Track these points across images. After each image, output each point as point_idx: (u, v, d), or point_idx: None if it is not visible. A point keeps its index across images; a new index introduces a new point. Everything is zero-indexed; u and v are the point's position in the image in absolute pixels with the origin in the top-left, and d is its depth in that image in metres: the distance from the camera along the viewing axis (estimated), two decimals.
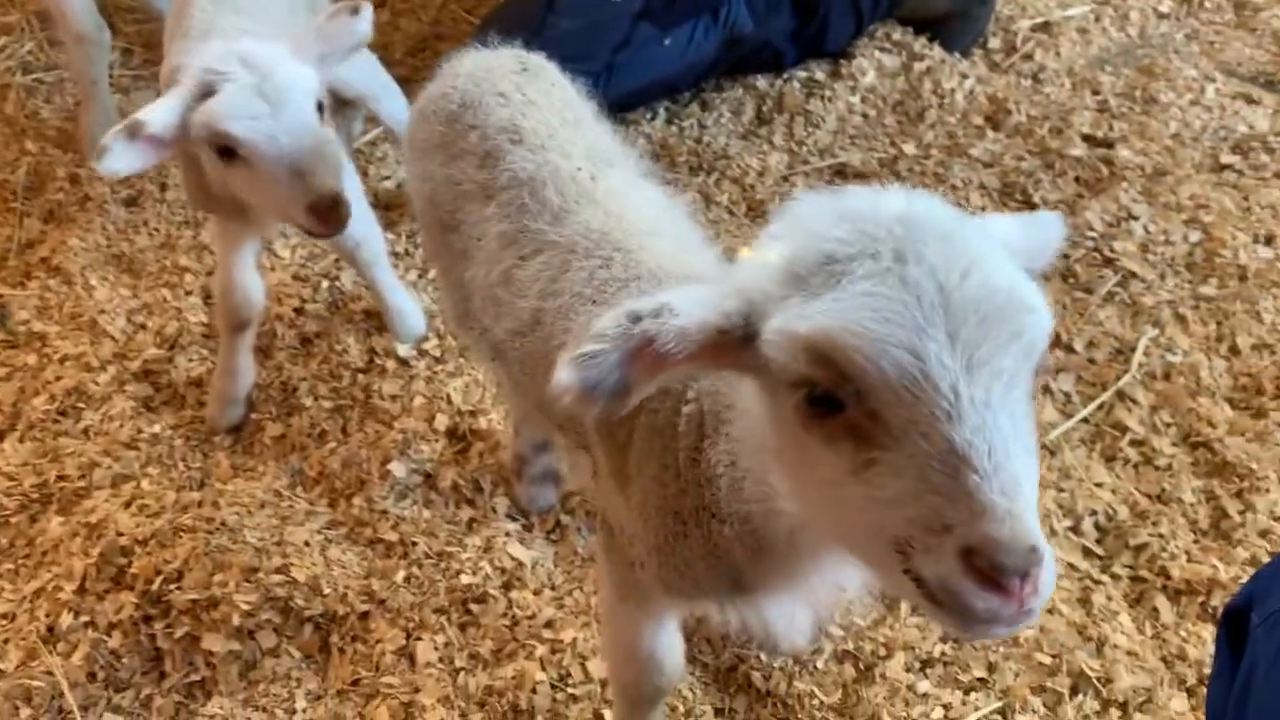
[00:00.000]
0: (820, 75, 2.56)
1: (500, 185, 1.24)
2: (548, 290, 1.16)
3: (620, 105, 2.48)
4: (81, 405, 1.89)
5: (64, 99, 2.64)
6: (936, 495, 0.71)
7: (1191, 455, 1.77)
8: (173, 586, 1.58)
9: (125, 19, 2.89)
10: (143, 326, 2.04)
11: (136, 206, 2.32)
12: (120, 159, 1.46)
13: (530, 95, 1.30)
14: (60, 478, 1.78)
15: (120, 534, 1.65)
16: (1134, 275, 2.04)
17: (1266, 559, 1.56)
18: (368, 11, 1.57)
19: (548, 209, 1.20)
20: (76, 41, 2.32)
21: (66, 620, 1.57)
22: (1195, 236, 2.10)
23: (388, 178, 2.36)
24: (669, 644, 1.26)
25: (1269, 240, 2.10)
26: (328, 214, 1.45)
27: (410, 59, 2.65)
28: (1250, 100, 2.44)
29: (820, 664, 1.51)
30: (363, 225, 1.81)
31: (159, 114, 1.46)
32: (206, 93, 1.46)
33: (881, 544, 0.75)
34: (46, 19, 2.44)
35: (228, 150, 1.46)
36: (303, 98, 1.47)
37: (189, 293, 2.09)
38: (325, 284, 2.10)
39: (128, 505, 1.71)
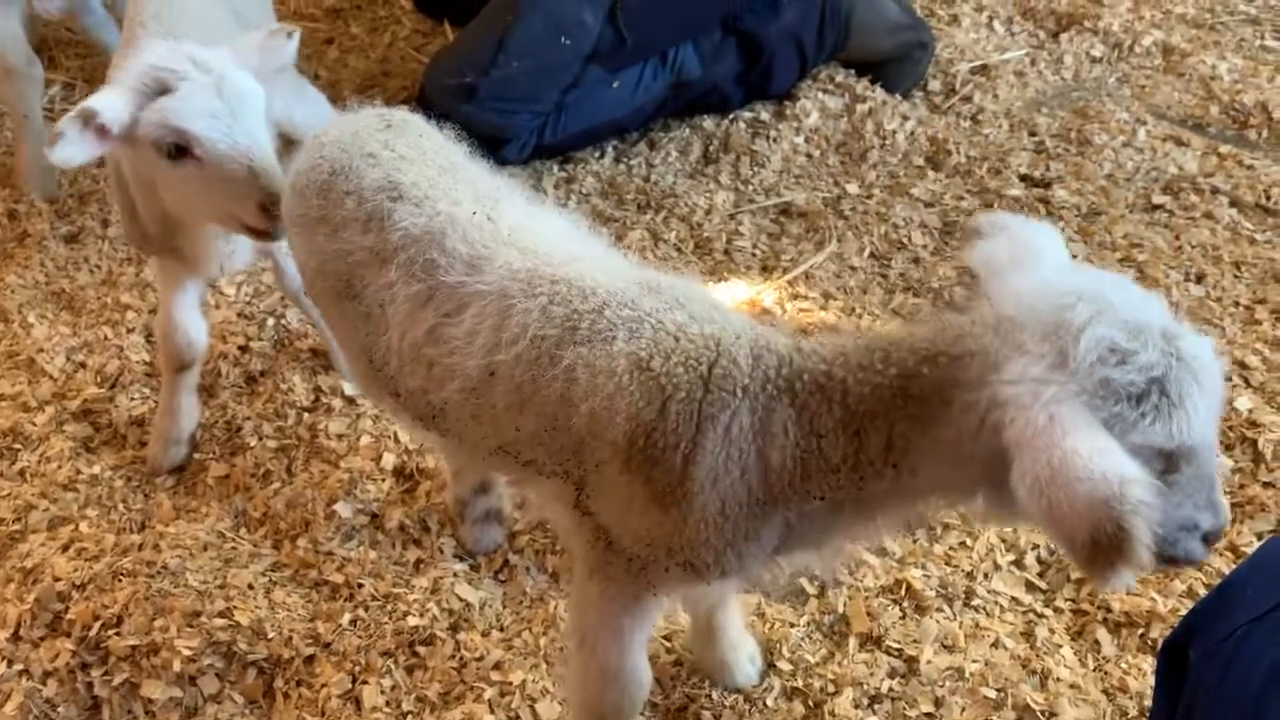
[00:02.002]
0: (765, 116, 2.61)
1: (394, 246, 1.21)
2: (494, 342, 1.15)
3: (569, 144, 2.51)
4: (18, 446, 1.85)
5: (2, 134, 2.60)
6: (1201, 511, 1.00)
7: None
8: (111, 632, 1.55)
9: (67, 53, 2.87)
10: (83, 365, 2.00)
11: (77, 243, 2.29)
12: (73, 147, 1.45)
13: (400, 150, 1.28)
14: None
15: (57, 579, 1.61)
16: None
17: (1204, 591, 1.60)
18: (296, 37, 1.63)
19: (458, 260, 1.18)
20: (6, 76, 2.30)
21: (0, 668, 1.53)
22: (1129, 275, 2.16)
23: None
24: (645, 663, 1.28)
25: (1199, 278, 2.16)
26: (275, 212, 1.46)
27: (358, 96, 2.65)
28: (1180, 142, 2.52)
29: (770, 701, 1.51)
30: None
31: (111, 104, 1.45)
32: (160, 90, 1.46)
33: None
34: None
35: (179, 149, 1.46)
36: (255, 100, 1.50)
37: (131, 330, 2.06)
38: (271, 321, 2.08)
39: (65, 549, 1.67)
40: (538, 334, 1.13)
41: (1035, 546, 1.70)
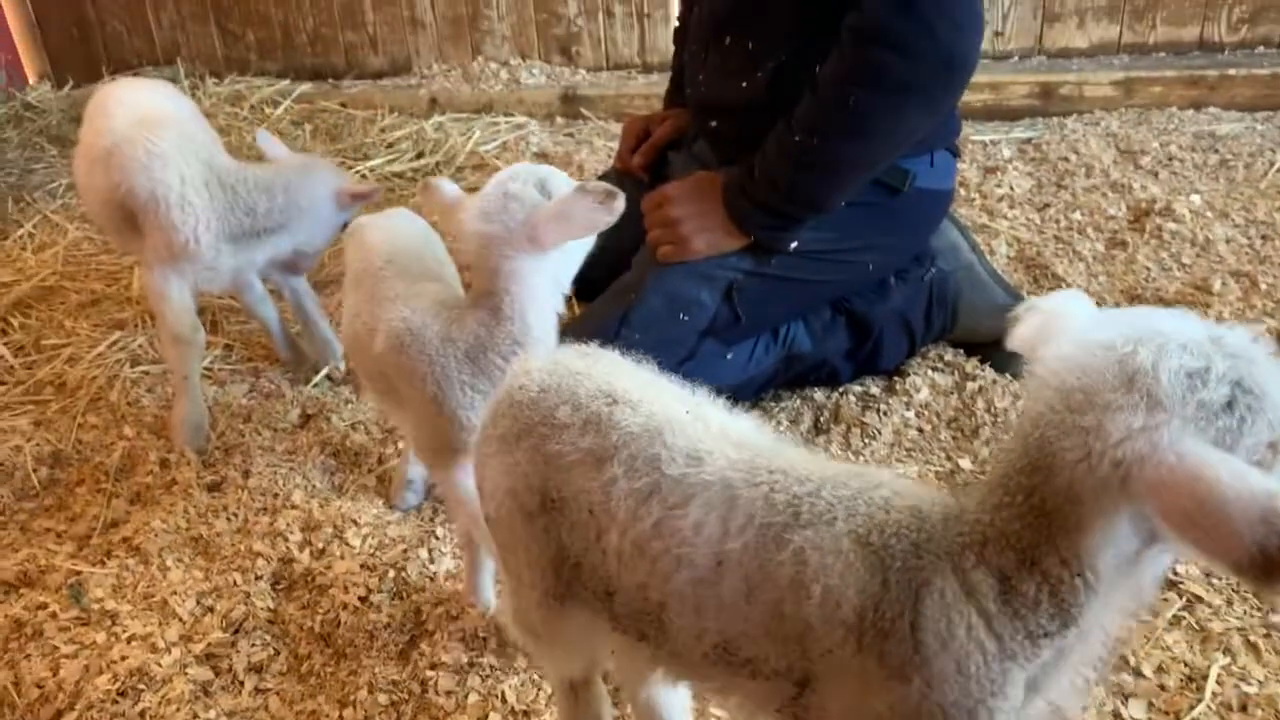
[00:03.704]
0: (875, 390, 2.68)
1: (615, 444, 1.27)
2: (722, 531, 1.20)
3: None
4: (142, 687, 1.90)
5: (164, 389, 2.83)
6: None
7: None
8: None
9: (229, 319, 3.15)
10: (210, 609, 2.08)
11: (219, 491, 2.43)
12: None
13: (604, 366, 1.37)
14: None
15: None
16: (1199, 599, 2.01)
17: None
18: (618, 203, 1.63)
19: (679, 453, 1.24)
20: (173, 341, 2.53)
21: None
22: None
23: None
24: None
25: None
26: None
27: None
28: None
29: None
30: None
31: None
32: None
33: None
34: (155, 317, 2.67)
35: None
36: None
37: (259, 578, 2.15)
38: (391, 574, 2.14)
39: None
40: (764, 521, 1.18)
41: None
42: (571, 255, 1.76)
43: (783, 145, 2.31)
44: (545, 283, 1.73)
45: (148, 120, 2.44)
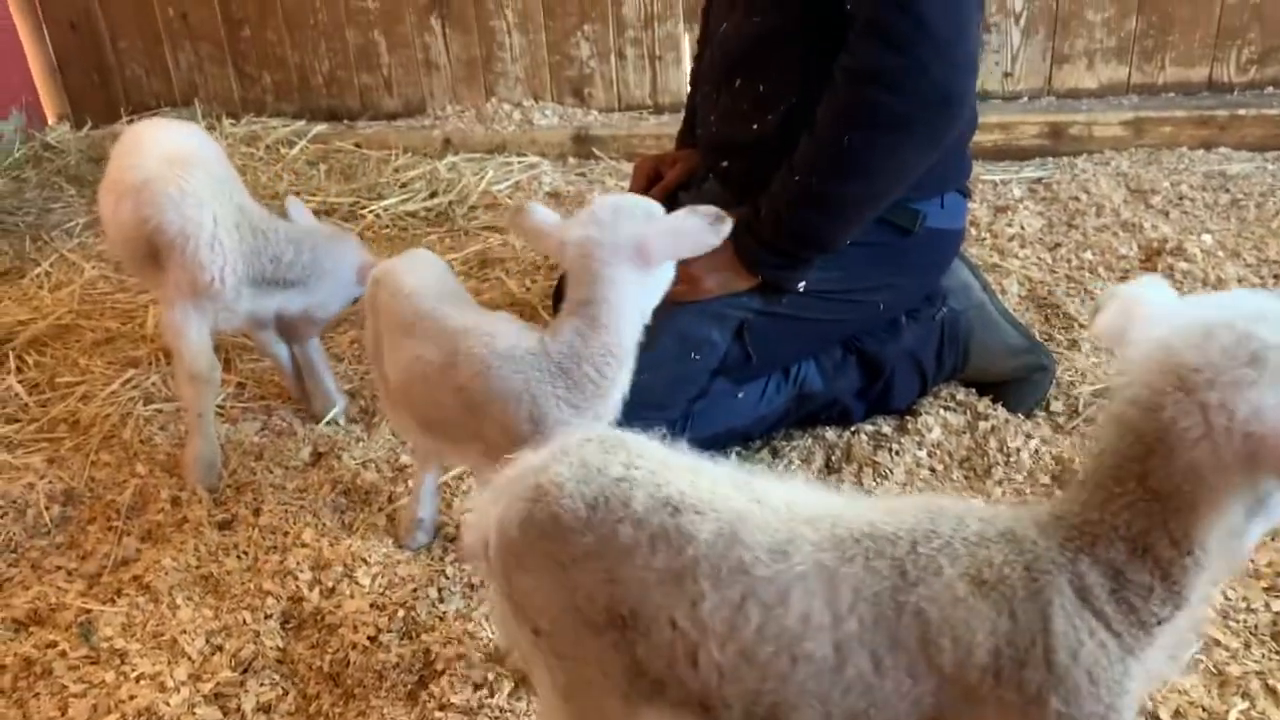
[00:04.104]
0: (887, 429, 2.67)
1: (693, 558, 1.19)
2: (834, 616, 1.17)
3: (695, 450, 2.59)
4: None
5: (177, 427, 2.84)
6: None
7: None
8: None
9: (242, 357, 3.16)
10: (220, 648, 2.07)
11: (230, 529, 2.43)
12: None
13: (643, 465, 1.27)
14: None
15: None
16: (1217, 643, 1.99)
17: None
18: (726, 227, 1.72)
19: (762, 552, 1.19)
20: (189, 379, 2.54)
21: None
22: (1278, 605, 2.06)
23: None
24: None
25: None
26: None
27: None
28: None
29: None
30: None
31: None
32: None
33: None
34: (171, 355, 2.68)
35: None
36: None
37: (269, 616, 2.14)
38: (401, 613, 2.13)
39: None
40: (872, 591, 1.17)
41: None
42: (659, 282, 1.81)
43: (785, 186, 2.33)
44: (640, 298, 1.78)
45: (179, 159, 2.46)
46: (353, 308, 2.83)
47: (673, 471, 1.28)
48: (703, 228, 1.71)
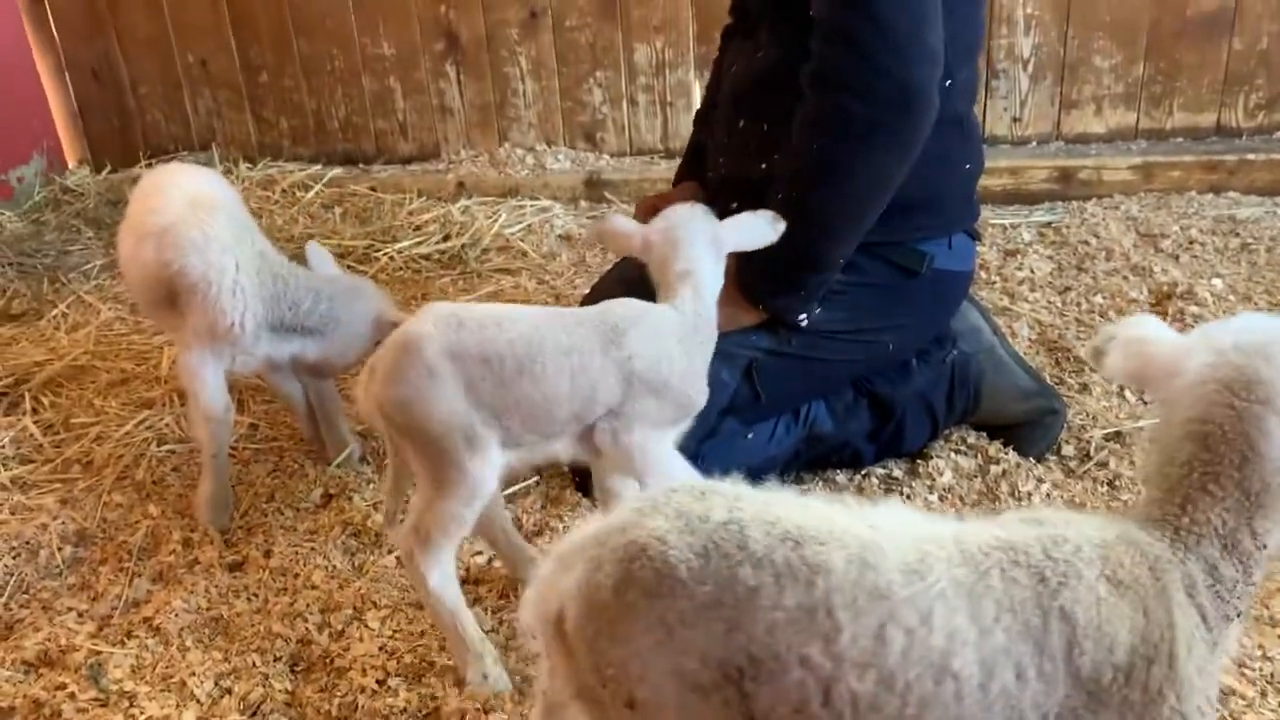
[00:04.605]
0: (898, 473, 2.67)
1: (826, 589, 1.16)
2: (979, 630, 1.18)
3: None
4: None
5: (190, 468, 2.85)
6: None
7: None
8: None
9: (255, 398, 3.18)
10: (229, 691, 2.07)
11: (240, 571, 2.44)
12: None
13: (746, 507, 1.23)
14: None
15: None
16: (1233, 692, 1.97)
17: None
18: (781, 225, 2.11)
19: (896, 573, 1.18)
20: (204, 420, 2.56)
21: None
22: None
23: None
24: None
25: None
26: None
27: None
28: None
29: None
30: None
31: None
32: None
33: None
34: (186, 397, 2.70)
35: None
36: None
37: (278, 659, 2.14)
38: (410, 658, 2.13)
39: None
40: (1016, 601, 1.19)
41: None
42: (719, 274, 2.11)
43: (772, 207, 2.33)
44: (714, 282, 2.09)
45: (202, 204, 2.50)
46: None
47: (779, 507, 1.24)
48: (763, 223, 2.10)
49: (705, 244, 2.05)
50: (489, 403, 1.86)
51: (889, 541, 1.22)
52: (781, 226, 2.10)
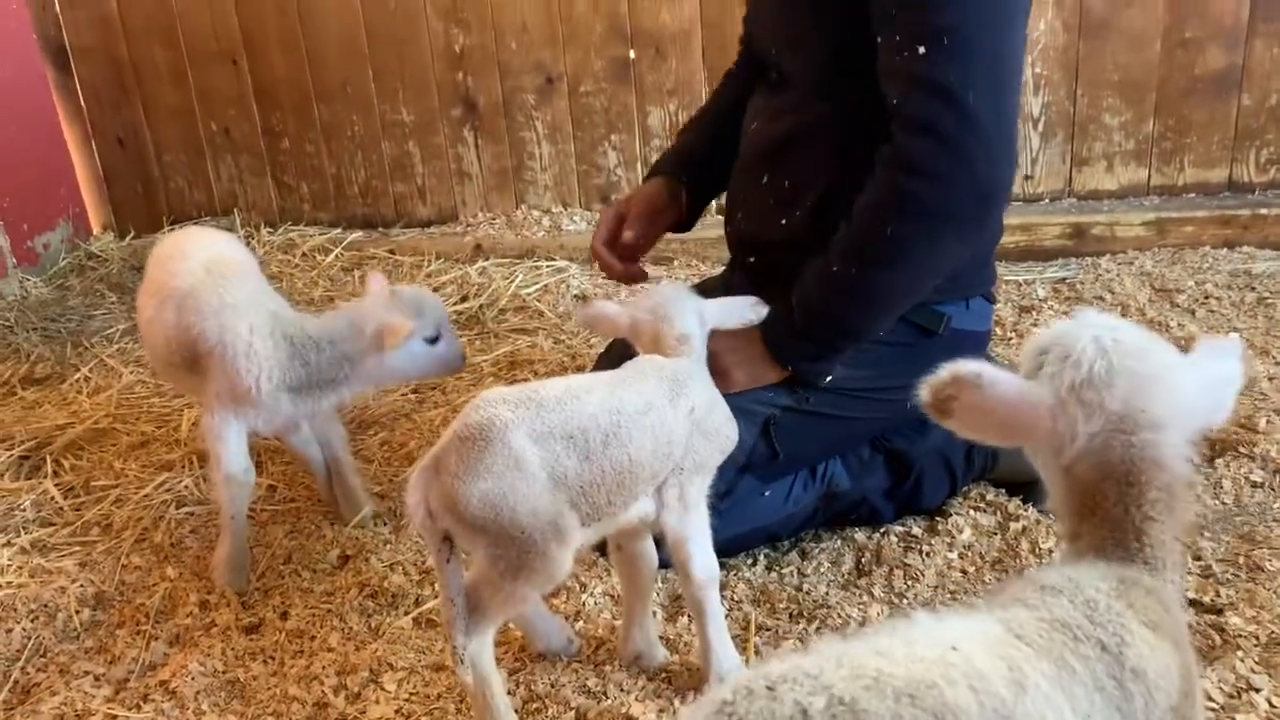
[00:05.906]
0: (918, 530, 2.65)
1: None
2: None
3: (722, 550, 2.57)
4: None
5: (208, 530, 2.86)
6: None
7: None
8: None
9: (274, 460, 3.20)
10: None
11: (257, 634, 2.43)
12: None
13: (808, 675, 1.12)
14: None
15: None
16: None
17: None
18: (764, 310, 2.20)
19: (1003, 688, 1.13)
20: (225, 482, 2.57)
21: None
22: None
23: None
24: None
25: None
26: None
27: None
28: None
29: None
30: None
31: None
32: None
33: None
34: (205, 458, 2.71)
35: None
36: None
37: None
38: None
39: None
40: (1095, 679, 1.21)
41: None
42: (704, 345, 2.17)
43: (820, 276, 2.34)
44: (704, 347, 2.16)
45: (220, 268, 2.53)
46: (385, 407, 2.86)
47: (855, 658, 1.13)
48: (745, 307, 2.18)
49: (693, 315, 2.11)
50: (572, 482, 1.77)
51: (976, 659, 1.16)
52: (764, 311, 2.18)
